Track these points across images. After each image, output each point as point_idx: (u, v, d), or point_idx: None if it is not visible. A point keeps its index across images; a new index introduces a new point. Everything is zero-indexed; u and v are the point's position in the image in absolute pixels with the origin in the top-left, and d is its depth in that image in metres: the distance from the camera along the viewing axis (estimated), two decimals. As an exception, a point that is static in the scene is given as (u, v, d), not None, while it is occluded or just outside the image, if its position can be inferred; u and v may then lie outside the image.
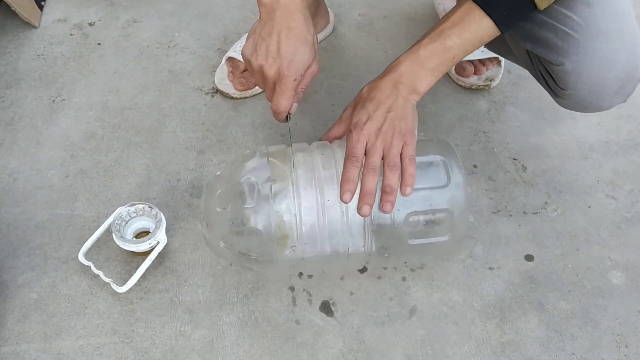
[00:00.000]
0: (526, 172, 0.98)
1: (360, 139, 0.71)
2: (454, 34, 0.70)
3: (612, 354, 0.80)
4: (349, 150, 0.71)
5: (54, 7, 1.20)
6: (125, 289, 0.80)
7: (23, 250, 0.86)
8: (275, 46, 0.69)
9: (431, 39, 0.71)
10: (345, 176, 0.70)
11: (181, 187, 0.94)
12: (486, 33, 0.70)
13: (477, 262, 0.88)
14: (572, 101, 0.78)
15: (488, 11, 0.68)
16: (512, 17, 0.69)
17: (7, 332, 0.78)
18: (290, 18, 0.69)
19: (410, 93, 0.72)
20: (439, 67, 0.71)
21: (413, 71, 0.72)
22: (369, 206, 0.70)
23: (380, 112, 0.71)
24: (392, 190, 0.71)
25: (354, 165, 0.70)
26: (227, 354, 0.78)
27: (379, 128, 0.71)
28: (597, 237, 0.91)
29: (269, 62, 0.70)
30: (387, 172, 0.70)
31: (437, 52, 0.71)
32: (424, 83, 0.72)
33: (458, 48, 0.70)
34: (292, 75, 0.70)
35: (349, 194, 0.70)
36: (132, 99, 1.05)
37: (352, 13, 1.22)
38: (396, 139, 0.71)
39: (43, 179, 0.94)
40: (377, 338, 0.80)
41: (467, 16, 0.69)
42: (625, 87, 0.74)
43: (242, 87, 1.04)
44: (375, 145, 0.71)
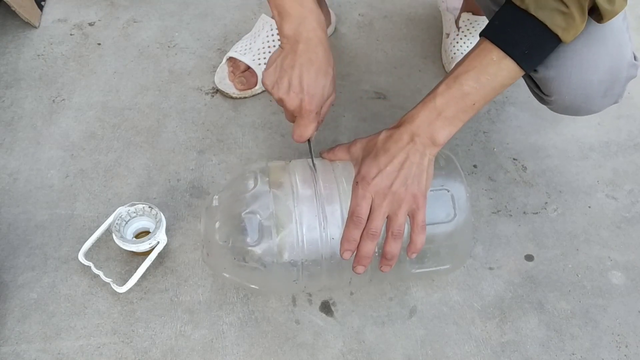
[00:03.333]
0: (526, 172, 0.98)
1: (366, 196, 0.67)
2: (471, 78, 0.65)
3: (612, 354, 0.80)
4: (352, 207, 0.68)
5: (54, 7, 1.20)
6: (125, 289, 0.80)
7: (23, 250, 0.86)
8: (297, 80, 0.68)
9: (447, 85, 0.67)
10: (346, 236, 0.68)
11: (181, 187, 0.94)
12: (507, 75, 0.65)
13: (477, 262, 0.88)
14: (560, 107, 0.76)
15: (507, 50, 0.64)
16: (535, 54, 0.65)
17: (7, 332, 0.78)
18: (312, 51, 0.67)
19: (427, 146, 0.68)
20: (459, 116, 0.67)
21: (430, 122, 0.67)
22: (364, 267, 0.69)
23: (392, 169, 0.67)
24: (393, 257, 0.69)
25: (356, 226, 0.67)
26: (227, 354, 0.78)
27: (388, 186, 0.67)
28: (597, 237, 0.91)
29: (291, 97, 0.68)
30: (390, 239, 0.68)
31: (454, 100, 0.66)
32: (443, 134, 0.67)
33: (477, 94, 0.66)
34: (313, 110, 0.69)
35: (348, 253, 0.68)
36: (132, 99, 1.05)
37: (352, 13, 1.22)
38: (406, 203, 0.67)
39: (43, 179, 0.94)
40: (377, 338, 0.80)
41: (485, 58, 0.65)
42: (612, 88, 0.73)
43: (243, 86, 1.04)
44: (380, 207, 0.67)
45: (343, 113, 1.05)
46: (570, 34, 0.63)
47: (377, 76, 1.11)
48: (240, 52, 1.05)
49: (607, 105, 0.76)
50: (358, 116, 1.04)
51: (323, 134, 1.01)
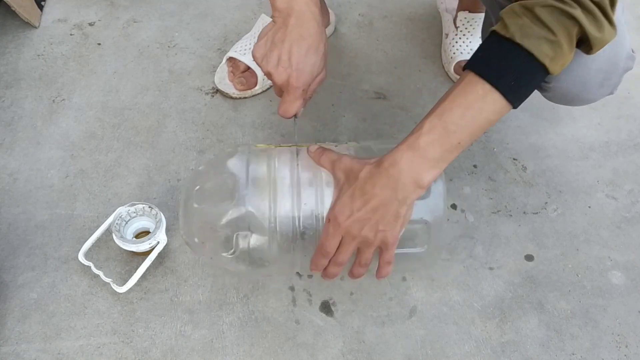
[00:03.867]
0: (526, 172, 0.98)
1: (336, 236, 0.67)
2: (456, 116, 0.62)
3: (612, 354, 0.80)
4: (322, 241, 0.68)
5: (54, 7, 1.20)
6: (125, 289, 0.80)
7: (23, 250, 0.86)
8: (286, 55, 0.67)
9: (431, 124, 0.63)
10: (314, 261, 0.71)
11: (181, 187, 0.94)
12: (494, 109, 0.62)
13: (477, 262, 0.88)
14: (557, 93, 0.75)
15: (493, 82, 0.61)
16: (522, 86, 0.62)
17: (7, 332, 0.78)
18: (303, 26, 0.67)
19: (411, 192, 0.64)
20: (444, 156, 0.63)
21: (414, 166, 0.63)
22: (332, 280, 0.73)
23: (364, 214, 0.65)
24: (359, 276, 0.72)
25: (324, 257, 0.70)
26: (227, 354, 0.78)
27: (358, 230, 0.66)
28: (597, 237, 0.91)
29: (279, 71, 0.68)
30: (357, 265, 0.71)
31: (439, 140, 0.62)
32: (428, 177, 0.64)
33: (463, 132, 0.62)
34: (300, 86, 0.69)
35: (316, 272, 0.72)
36: (132, 99, 1.05)
37: (352, 13, 1.22)
38: (374, 246, 0.68)
39: (43, 179, 0.94)
40: (377, 338, 0.80)
41: (470, 93, 0.62)
42: (609, 78, 0.73)
43: (242, 86, 1.04)
44: (349, 246, 0.68)
45: (343, 113, 1.05)
46: (558, 64, 0.61)
47: (377, 76, 1.11)
48: (240, 52, 1.05)
49: (603, 95, 0.76)
50: (358, 116, 1.04)
51: (323, 134, 1.01)
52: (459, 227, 0.91)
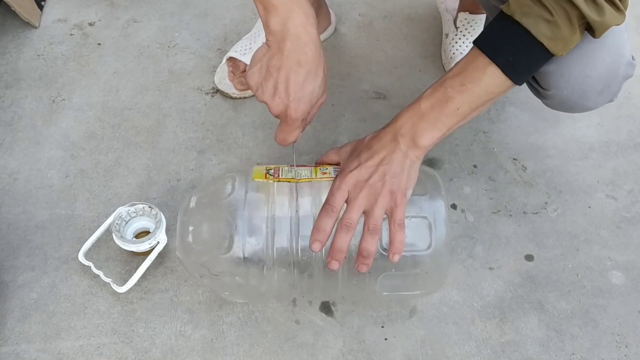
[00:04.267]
0: (526, 172, 0.98)
1: (342, 187, 0.66)
2: (456, 83, 0.65)
3: (612, 354, 0.80)
4: (328, 197, 0.66)
5: (54, 7, 1.20)
6: (125, 289, 0.80)
7: (23, 250, 0.86)
8: (283, 84, 0.63)
9: (433, 89, 0.67)
10: (317, 224, 0.65)
11: (181, 187, 0.94)
12: (492, 82, 0.64)
13: (477, 262, 0.88)
14: (556, 101, 0.75)
15: (492, 57, 0.63)
16: (521, 63, 0.63)
17: (7, 332, 0.78)
18: (301, 51, 0.62)
19: (410, 147, 0.66)
20: (442, 119, 0.66)
21: (413, 123, 0.66)
22: (338, 262, 0.66)
23: (372, 163, 0.66)
24: (369, 254, 0.66)
25: (328, 215, 0.65)
26: (227, 354, 0.78)
27: (365, 179, 0.65)
28: (597, 237, 0.91)
29: (276, 102, 0.64)
30: (366, 234, 0.66)
31: (438, 103, 0.66)
32: (426, 137, 0.66)
33: (461, 98, 0.65)
34: (299, 117, 0.65)
35: (317, 244, 0.65)
36: (132, 99, 1.05)
37: (352, 13, 1.22)
38: (383, 197, 0.65)
39: (43, 179, 0.94)
40: (377, 338, 0.80)
41: (471, 64, 0.65)
42: (609, 86, 0.73)
43: (242, 86, 1.04)
44: (357, 199, 0.65)
45: (343, 113, 1.05)
46: (559, 45, 0.62)
47: (377, 76, 1.11)
48: (240, 52, 1.05)
49: (603, 103, 0.76)
50: (358, 116, 1.04)
51: (323, 134, 1.01)
52: (459, 227, 0.91)
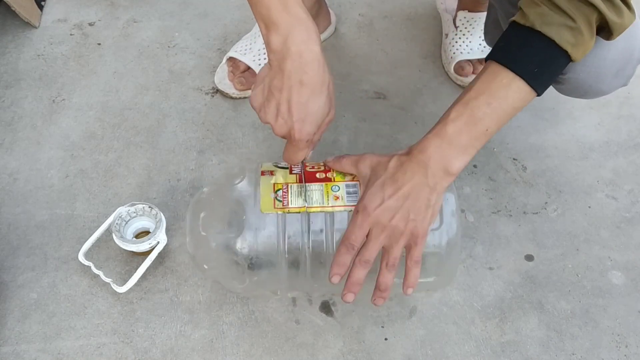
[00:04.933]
0: (526, 172, 0.98)
1: (364, 226, 0.64)
2: (482, 103, 0.62)
3: (612, 354, 0.80)
4: (348, 233, 0.65)
5: (54, 7, 1.20)
6: (125, 289, 0.80)
7: (23, 250, 0.86)
8: (285, 106, 0.61)
9: (458, 112, 0.63)
10: (337, 260, 0.65)
11: (181, 187, 0.94)
12: (518, 97, 0.63)
13: (477, 262, 0.88)
14: (572, 85, 0.74)
15: (516, 70, 0.61)
16: (545, 73, 0.62)
17: (7, 332, 0.78)
18: (303, 70, 0.59)
19: (440, 179, 0.64)
20: (472, 143, 0.63)
21: (443, 152, 0.63)
22: (354, 294, 0.66)
23: (396, 203, 0.63)
24: (387, 288, 0.66)
25: (348, 252, 0.65)
26: (227, 354, 0.78)
27: (388, 220, 0.64)
28: (597, 237, 0.91)
29: (279, 123, 0.62)
30: (384, 270, 0.66)
31: (467, 127, 0.63)
32: (457, 164, 0.64)
33: (489, 119, 0.63)
34: (304, 138, 0.63)
35: (337, 277, 0.66)
36: (132, 99, 1.05)
37: (352, 13, 1.22)
38: (404, 238, 0.64)
39: (43, 179, 0.94)
40: (377, 338, 0.80)
41: (494, 81, 0.63)
42: (624, 69, 0.72)
43: (242, 86, 1.04)
44: (377, 238, 0.64)
45: (343, 113, 1.05)
46: (580, 50, 0.61)
47: (377, 76, 1.11)
48: (241, 52, 1.05)
49: (617, 86, 0.75)
50: (358, 116, 1.04)
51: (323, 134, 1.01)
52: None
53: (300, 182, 0.70)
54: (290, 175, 0.71)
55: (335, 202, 0.69)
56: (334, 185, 0.70)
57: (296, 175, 0.71)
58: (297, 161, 0.68)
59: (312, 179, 0.71)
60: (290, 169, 0.72)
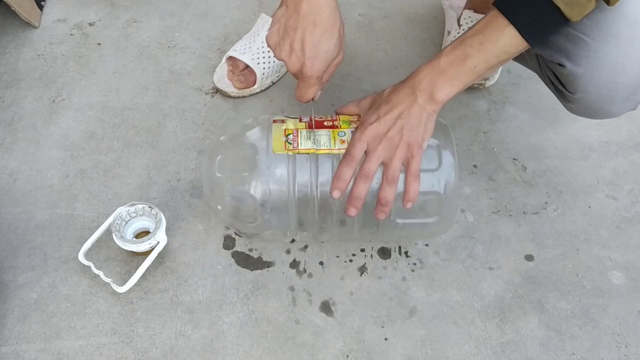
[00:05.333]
0: (526, 172, 0.98)
1: (362, 139, 0.70)
2: (475, 42, 0.67)
3: (612, 354, 0.80)
4: (348, 148, 0.71)
5: (54, 7, 1.20)
6: (125, 289, 0.80)
7: (23, 250, 0.86)
8: (299, 44, 0.68)
9: (453, 46, 0.69)
10: (338, 173, 0.71)
11: (181, 187, 0.94)
12: (510, 43, 0.66)
13: (477, 262, 0.88)
14: (582, 106, 0.76)
15: (510, 18, 0.65)
16: (538, 26, 0.66)
17: (7, 332, 0.78)
18: (316, 12, 0.66)
19: (427, 101, 0.70)
20: (459, 77, 0.69)
21: (431, 79, 0.70)
22: (356, 209, 0.72)
23: (391, 116, 0.70)
24: (387, 202, 0.71)
25: (349, 165, 0.70)
26: (227, 354, 0.78)
27: (384, 132, 0.70)
28: (597, 237, 0.91)
29: (293, 60, 0.69)
30: (385, 184, 0.71)
31: (457, 60, 0.68)
32: (443, 92, 0.70)
33: (479, 57, 0.68)
34: (314, 74, 0.70)
35: (337, 192, 0.71)
36: (132, 99, 1.05)
37: (352, 13, 1.22)
38: (401, 149, 0.70)
39: (43, 179, 0.94)
40: (377, 338, 0.80)
41: (489, 24, 0.67)
42: (636, 93, 0.73)
43: (241, 84, 1.04)
44: (375, 150, 0.70)
45: (343, 113, 1.05)
46: (575, 10, 0.63)
47: (377, 76, 1.11)
48: (240, 52, 1.05)
49: (626, 110, 0.76)
50: (358, 116, 1.04)
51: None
52: (459, 227, 0.91)
53: (309, 129, 0.76)
54: (300, 122, 0.77)
55: (342, 146, 0.74)
56: (340, 131, 0.75)
57: (305, 123, 0.77)
58: (307, 98, 0.74)
59: (320, 126, 0.76)
60: (299, 119, 0.77)
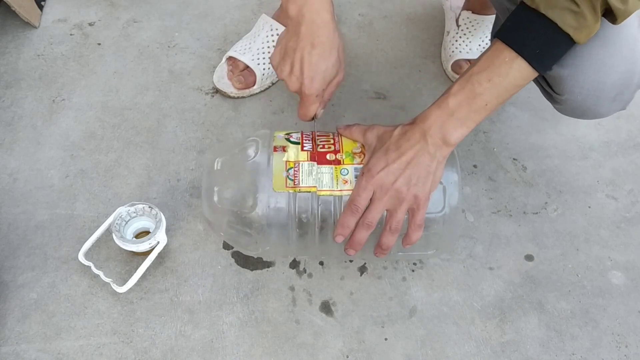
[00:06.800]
0: (526, 172, 0.98)
1: (368, 188, 0.69)
2: (484, 78, 0.66)
3: (612, 354, 0.80)
4: (353, 196, 0.70)
5: (54, 7, 1.20)
6: (125, 289, 0.80)
7: (23, 250, 0.86)
8: (298, 64, 0.70)
9: (460, 85, 0.67)
10: (341, 221, 0.71)
11: (181, 187, 0.94)
12: (519, 75, 0.65)
13: (477, 262, 0.88)
14: (569, 107, 0.76)
15: (518, 50, 0.64)
16: (547, 54, 0.65)
17: (7, 332, 0.78)
18: (314, 34, 0.68)
19: (439, 147, 0.68)
20: (471, 117, 0.67)
21: (442, 122, 0.68)
22: (355, 251, 0.73)
23: (399, 166, 0.68)
24: (388, 248, 0.73)
25: (353, 214, 0.70)
26: (227, 354, 0.78)
27: (391, 182, 0.68)
28: (597, 237, 0.91)
29: (292, 80, 0.71)
30: (387, 232, 0.71)
31: (466, 100, 0.67)
32: (455, 135, 0.68)
33: (489, 94, 0.66)
34: (313, 93, 0.72)
35: (341, 237, 0.71)
36: (132, 99, 1.05)
37: (352, 13, 1.22)
38: (406, 202, 0.68)
39: (43, 179, 0.94)
40: (377, 338, 0.80)
41: (497, 58, 0.65)
42: (623, 93, 0.73)
43: (241, 85, 1.04)
44: (380, 201, 0.69)
45: (343, 113, 1.05)
46: (583, 34, 0.63)
47: (377, 76, 1.11)
48: (240, 52, 1.05)
49: (615, 110, 0.76)
50: (358, 116, 1.04)
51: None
52: (459, 227, 0.91)
53: (311, 160, 0.74)
54: (302, 152, 0.75)
55: (344, 187, 0.72)
56: (343, 168, 0.74)
57: (307, 153, 0.75)
58: (309, 116, 0.75)
59: (323, 160, 0.74)
60: (301, 146, 0.76)
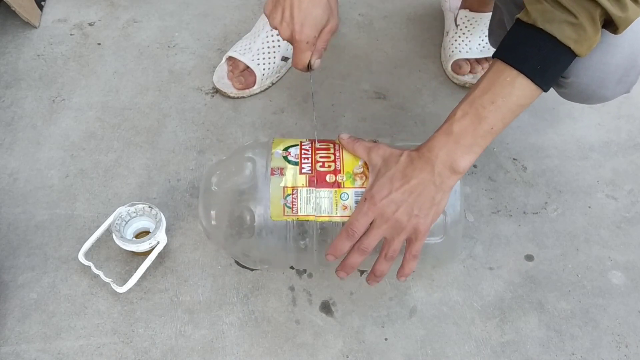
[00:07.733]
0: (526, 172, 0.98)
1: (368, 215, 0.67)
2: (486, 101, 0.64)
3: (612, 354, 0.80)
4: (351, 220, 0.68)
5: (54, 7, 1.20)
6: (125, 289, 0.80)
7: (23, 250, 0.86)
8: (288, 11, 0.70)
9: (463, 111, 0.65)
10: (335, 243, 0.68)
11: (181, 187, 0.94)
12: (523, 94, 0.64)
13: (477, 262, 0.88)
14: (574, 90, 0.74)
15: (519, 68, 0.62)
16: (549, 69, 0.63)
17: (7, 332, 0.78)
18: None
19: (446, 177, 0.66)
20: (477, 142, 0.65)
21: (448, 150, 0.65)
22: (346, 274, 0.71)
23: (402, 196, 0.66)
24: (381, 275, 0.70)
25: (348, 238, 0.68)
26: (227, 354, 0.78)
27: (393, 212, 0.66)
28: (597, 237, 0.91)
29: (283, 27, 0.71)
30: (382, 259, 0.69)
31: (471, 125, 0.65)
32: (463, 163, 0.66)
33: (494, 117, 0.64)
34: (303, 40, 0.71)
35: (332, 257, 0.70)
36: (132, 99, 1.05)
37: (352, 13, 1.22)
38: (405, 232, 0.66)
39: (43, 179, 0.94)
40: (377, 338, 0.80)
41: (498, 79, 0.63)
42: (628, 75, 0.72)
43: (241, 85, 1.04)
44: (379, 228, 0.67)
45: (343, 113, 1.05)
46: (584, 46, 0.62)
47: (377, 76, 1.11)
48: (240, 52, 1.05)
49: (620, 93, 0.75)
50: (358, 116, 1.04)
51: (323, 134, 1.01)
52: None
53: (309, 186, 0.71)
54: (300, 176, 0.72)
55: (344, 212, 0.70)
56: (343, 192, 0.71)
57: (306, 177, 0.71)
58: (302, 64, 0.73)
59: (322, 182, 0.71)
60: (300, 167, 0.72)
